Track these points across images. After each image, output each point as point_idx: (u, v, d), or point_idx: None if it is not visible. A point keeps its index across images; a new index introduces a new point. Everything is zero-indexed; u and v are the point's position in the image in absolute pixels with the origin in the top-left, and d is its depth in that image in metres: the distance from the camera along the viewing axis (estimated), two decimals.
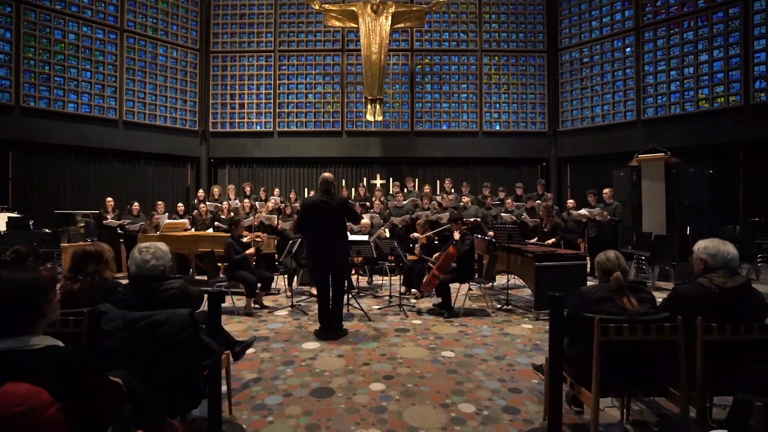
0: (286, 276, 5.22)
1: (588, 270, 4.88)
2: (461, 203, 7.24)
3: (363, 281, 6.16)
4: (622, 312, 1.92)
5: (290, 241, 4.73)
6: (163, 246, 2.00)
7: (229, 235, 4.70)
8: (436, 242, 5.35)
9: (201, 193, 7.45)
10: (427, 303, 4.91)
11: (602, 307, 1.93)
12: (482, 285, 4.59)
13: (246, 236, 4.81)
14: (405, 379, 2.89)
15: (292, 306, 4.65)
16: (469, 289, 4.86)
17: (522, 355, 3.33)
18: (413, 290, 5.21)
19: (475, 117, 10.08)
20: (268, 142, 10.01)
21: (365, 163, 10.16)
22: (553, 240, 5.21)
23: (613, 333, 1.84)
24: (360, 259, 5.73)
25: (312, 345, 3.52)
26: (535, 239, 5.48)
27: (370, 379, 2.89)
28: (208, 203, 7.06)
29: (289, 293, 5.07)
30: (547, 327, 3.84)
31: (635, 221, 6.85)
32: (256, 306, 4.65)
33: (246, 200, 7.02)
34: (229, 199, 7.35)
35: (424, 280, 4.46)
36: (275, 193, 7.85)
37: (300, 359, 3.23)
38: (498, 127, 10.07)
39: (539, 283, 4.17)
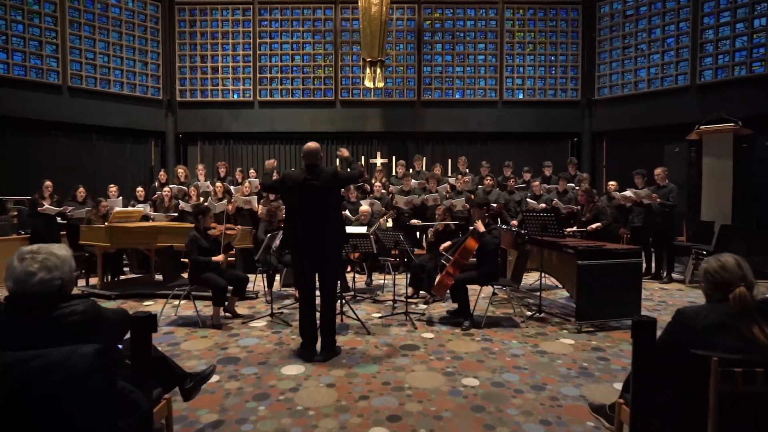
0: (265, 276, 4.94)
1: (644, 269, 4.48)
2: (482, 185, 7.03)
3: (360, 281, 5.99)
4: (751, 347, 1.42)
5: (268, 235, 4.43)
6: (60, 250, 1.54)
7: (192, 226, 4.38)
8: (452, 229, 5.11)
9: (163, 174, 7.18)
10: (439, 309, 4.74)
11: (718, 340, 1.46)
12: (508, 288, 4.29)
13: (214, 228, 4.43)
14: (416, 421, 2.52)
15: (271, 315, 4.40)
16: (494, 293, 4.57)
17: (567, 384, 2.99)
18: (422, 293, 5.07)
19: (494, 83, 9.82)
20: (247, 114, 9.73)
21: (363, 139, 9.95)
22: (597, 225, 4.75)
23: (741, 381, 1.35)
24: (357, 255, 5.48)
25: (294, 369, 3.22)
26: (573, 229, 5.17)
27: (370, 421, 2.52)
28: (172, 187, 6.82)
29: (268, 298, 4.86)
30: (594, 343, 3.72)
31: (691, 208, 6.44)
32: (228, 315, 4.41)
33: (219, 183, 6.71)
34: (199, 182, 7.10)
35: (436, 281, 4.25)
36: (252, 174, 7.50)
37: (277, 391, 2.89)
38: (521, 96, 9.78)
39: (582, 287, 3.92)
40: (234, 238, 4.74)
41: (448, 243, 4.51)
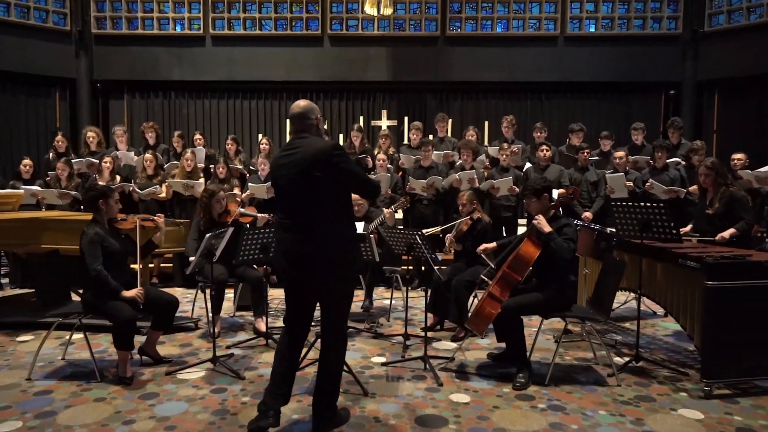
0: (208, 293, 4.71)
1: None
2: (538, 159, 6.84)
3: (356, 303, 5.70)
4: None
5: (207, 235, 4.05)
6: None
7: (91, 217, 4.04)
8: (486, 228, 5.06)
9: (60, 140, 7.03)
10: (477, 350, 4.53)
11: None
12: (588, 322, 4.03)
13: (123, 221, 4.17)
14: None
15: (214, 361, 4.04)
16: (566, 329, 4.19)
17: None
18: (448, 323, 5.00)
19: (552, 10, 9.75)
20: (195, 54, 9.73)
21: (362, 92, 10.10)
22: (733, 231, 4.37)
23: None
24: None
25: None
26: (689, 228, 4.81)
27: None
28: (74, 161, 6.70)
29: (215, 330, 4.63)
30: (738, 419, 3.27)
31: None
32: (146, 358, 4.12)
33: (148, 155, 6.68)
34: (118, 151, 7.10)
35: (472, 307, 4.14)
36: (197, 140, 7.47)
37: None
38: (593, 29, 9.80)
39: (713, 322, 3.57)
40: (158, 232, 4.44)
41: (492, 245, 4.40)
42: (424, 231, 4.88)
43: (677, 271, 3.84)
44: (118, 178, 6.53)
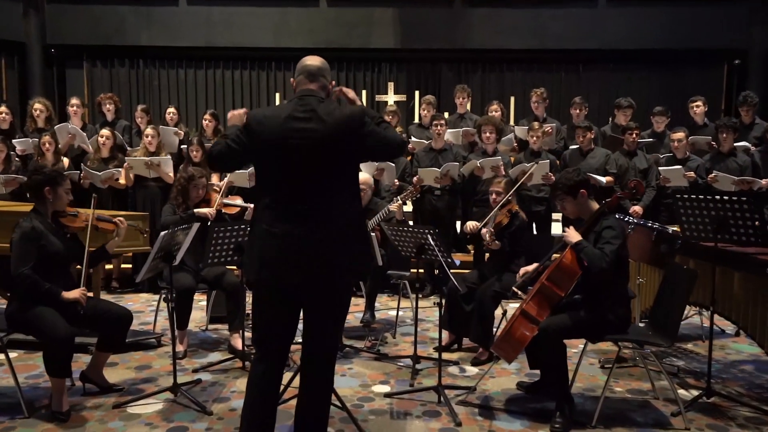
0: (169, 305, 4.51)
1: None
2: (576, 140, 6.75)
3: (353, 314, 5.76)
4: None
5: (164, 232, 3.91)
6: None
7: (31, 207, 3.96)
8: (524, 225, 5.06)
9: (3, 113, 6.98)
10: (503, 378, 4.41)
11: None
12: (647, 346, 3.98)
13: (73, 217, 4.05)
14: None
15: (175, 390, 3.91)
16: (619, 356, 4.11)
17: None
18: (467, 341, 4.96)
19: None
20: (167, 15, 9.80)
21: (365, 62, 10.20)
22: None
23: None
24: None
25: None
26: None
27: None
28: (18, 141, 6.71)
29: (180, 349, 4.64)
30: None
31: None
32: (90, 386, 4.01)
33: (105, 130, 6.63)
34: (70, 126, 7.00)
35: (501, 329, 4.12)
36: (170, 116, 7.45)
37: None
38: None
39: None
40: (112, 242, 4.29)
41: (533, 267, 4.15)
42: (470, 226, 4.95)
43: (762, 284, 3.71)
44: (65, 161, 6.39)
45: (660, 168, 6.34)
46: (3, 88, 9.54)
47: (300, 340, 2.93)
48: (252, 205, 4.44)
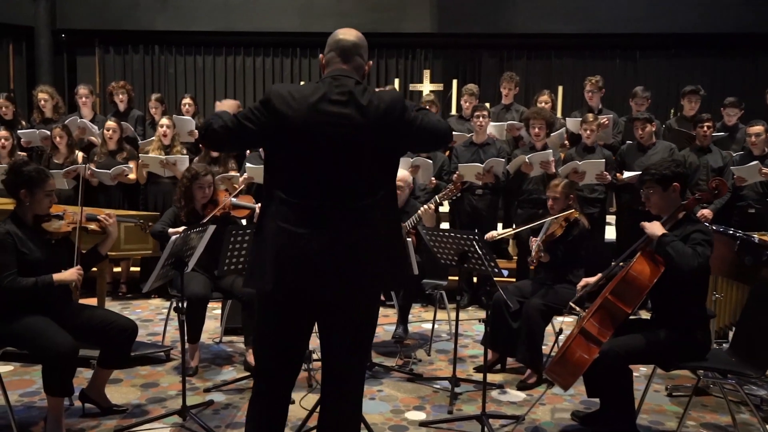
0: (179, 316, 4.49)
1: None
2: (639, 135, 6.59)
3: (383, 327, 5.78)
4: None
5: (175, 236, 3.90)
6: None
7: (14, 206, 3.94)
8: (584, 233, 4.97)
9: (5, 105, 7.04)
10: (556, 405, 4.36)
11: None
12: (730, 378, 3.80)
13: (57, 220, 3.99)
14: None
15: (184, 414, 3.89)
16: (700, 390, 4.18)
17: None
18: (511, 361, 4.96)
19: None
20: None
21: (399, 48, 10.53)
22: None
23: None
24: None
25: None
26: None
27: None
28: (23, 132, 6.83)
29: (192, 363, 4.72)
30: None
31: None
32: (89, 406, 4.00)
33: (110, 122, 6.69)
34: (80, 119, 7.14)
35: (558, 349, 3.93)
36: (185, 107, 7.48)
37: None
38: None
39: None
40: (105, 243, 4.23)
41: (595, 279, 4.08)
42: (495, 233, 4.93)
43: None
44: (79, 155, 6.48)
45: (732, 167, 6.20)
46: (10, 75, 9.81)
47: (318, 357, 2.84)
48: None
